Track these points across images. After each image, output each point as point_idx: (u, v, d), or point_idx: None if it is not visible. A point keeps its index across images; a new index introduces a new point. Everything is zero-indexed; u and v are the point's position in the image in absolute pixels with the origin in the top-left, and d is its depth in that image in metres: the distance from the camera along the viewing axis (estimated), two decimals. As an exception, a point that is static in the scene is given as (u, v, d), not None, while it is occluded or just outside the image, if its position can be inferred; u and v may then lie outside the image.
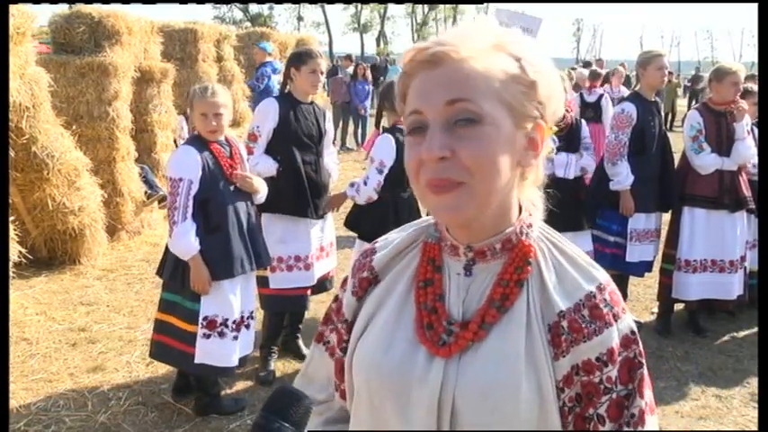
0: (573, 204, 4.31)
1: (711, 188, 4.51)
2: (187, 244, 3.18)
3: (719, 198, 4.50)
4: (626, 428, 0.94)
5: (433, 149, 0.88)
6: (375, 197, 3.76)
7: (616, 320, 0.95)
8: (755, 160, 4.64)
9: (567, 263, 0.98)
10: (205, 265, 3.20)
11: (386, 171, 3.73)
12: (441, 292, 1.00)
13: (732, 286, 4.60)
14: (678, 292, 4.66)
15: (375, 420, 1.00)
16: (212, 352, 3.29)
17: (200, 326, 3.26)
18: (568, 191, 4.27)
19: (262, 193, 3.47)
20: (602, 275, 0.98)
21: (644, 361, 0.97)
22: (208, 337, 3.27)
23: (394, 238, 1.10)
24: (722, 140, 4.49)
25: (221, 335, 3.30)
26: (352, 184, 3.86)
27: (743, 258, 4.65)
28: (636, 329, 0.97)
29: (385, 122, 4.07)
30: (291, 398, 0.96)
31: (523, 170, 0.96)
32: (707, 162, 4.48)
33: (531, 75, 0.91)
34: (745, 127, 4.50)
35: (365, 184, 3.75)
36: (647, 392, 0.97)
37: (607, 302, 0.95)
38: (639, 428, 0.95)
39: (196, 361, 3.28)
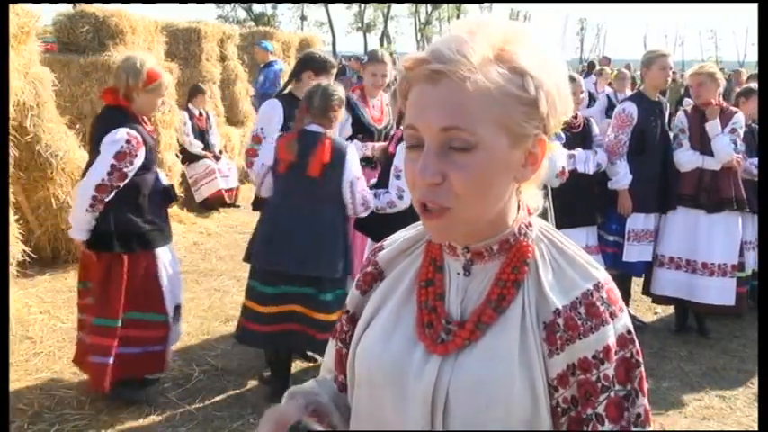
0: (589, 199, 4.39)
1: (690, 186, 4.53)
2: None
3: (695, 196, 4.51)
4: (634, 429, 0.94)
5: (426, 175, 0.89)
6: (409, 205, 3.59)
7: (613, 319, 0.95)
8: (756, 160, 4.62)
9: (565, 262, 0.98)
10: None
11: None
12: (441, 291, 1.02)
13: (706, 290, 4.49)
14: (653, 286, 4.69)
15: (374, 409, 1.03)
16: None
17: None
18: (586, 185, 4.36)
19: None
20: (601, 274, 0.98)
21: (641, 360, 0.97)
22: None
23: (401, 236, 1.13)
24: (706, 140, 4.49)
25: None
26: (376, 195, 3.64)
27: (734, 266, 4.50)
28: (632, 329, 0.97)
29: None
30: None
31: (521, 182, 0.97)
32: (683, 159, 4.53)
33: (532, 92, 0.89)
34: (735, 125, 4.45)
35: (401, 198, 3.54)
36: (645, 391, 0.98)
37: (604, 300, 0.95)
38: (648, 428, 0.95)
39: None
